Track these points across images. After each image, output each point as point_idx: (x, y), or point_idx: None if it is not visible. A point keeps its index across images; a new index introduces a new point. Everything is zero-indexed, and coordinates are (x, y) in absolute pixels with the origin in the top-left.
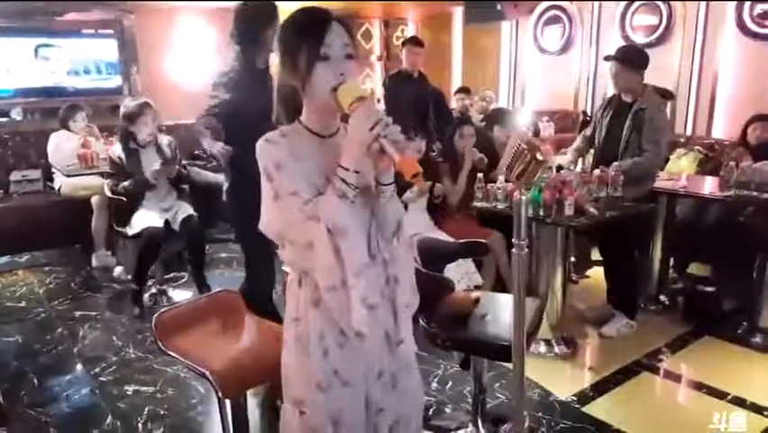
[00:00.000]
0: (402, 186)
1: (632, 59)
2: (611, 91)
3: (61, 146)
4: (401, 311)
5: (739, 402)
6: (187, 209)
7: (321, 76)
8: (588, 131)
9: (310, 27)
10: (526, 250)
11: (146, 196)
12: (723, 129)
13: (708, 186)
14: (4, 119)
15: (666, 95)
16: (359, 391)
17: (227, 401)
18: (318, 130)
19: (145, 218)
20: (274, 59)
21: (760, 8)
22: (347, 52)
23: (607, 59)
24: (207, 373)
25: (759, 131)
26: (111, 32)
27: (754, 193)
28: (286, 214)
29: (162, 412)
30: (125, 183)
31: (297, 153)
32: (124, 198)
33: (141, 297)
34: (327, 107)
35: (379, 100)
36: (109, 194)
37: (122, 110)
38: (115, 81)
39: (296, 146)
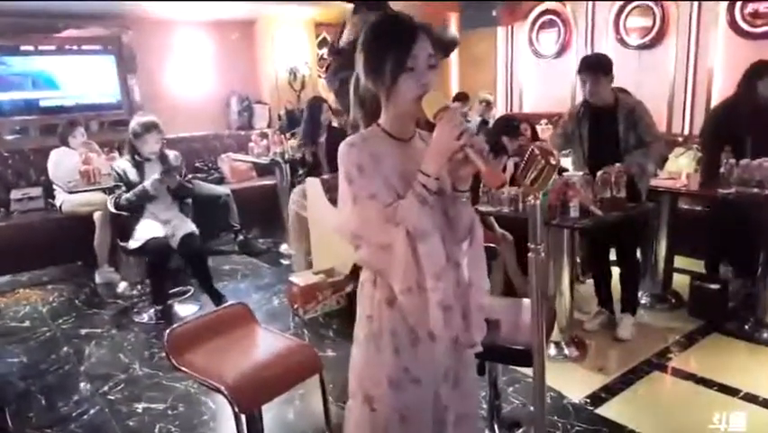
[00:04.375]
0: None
1: (602, 66)
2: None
3: (62, 163)
4: (474, 313)
5: (751, 399)
6: (188, 225)
7: (405, 87)
8: (559, 130)
9: (398, 38)
10: (543, 254)
11: (147, 208)
12: None
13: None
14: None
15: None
16: (428, 389)
17: (243, 416)
18: (397, 134)
19: (147, 229)
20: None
21: (751, 8)
22: (431, 63)
23: (579, 72)
24: (222, 388)
25: None
26: (109, 47)
27: (755, 190)
28: (364, 216)
29: (173, 429)
30: (127, 195)
31: (376, 156)
32: (127, 212)
33: (168, 314)
34: (407, 114)
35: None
36: (112, 209)
37: (130, 125)
38: (114, 97)
39: (375, 149)
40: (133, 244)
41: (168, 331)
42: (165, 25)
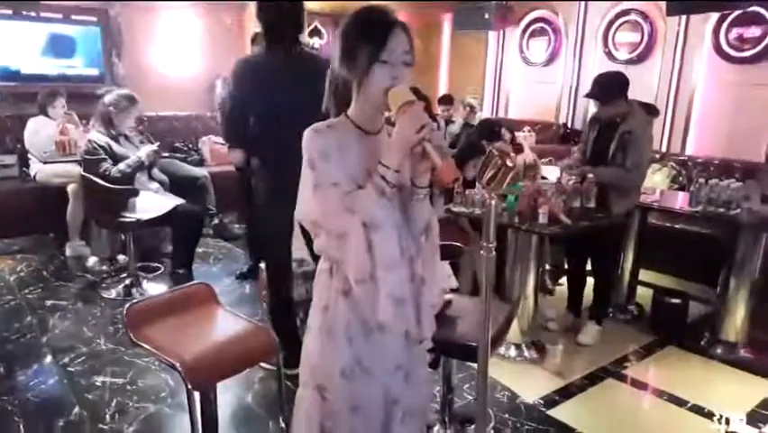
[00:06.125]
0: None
1: (609, 92)
2: (593, 106)
3: (39, 132)
4: (425, 310)
5: (698, 410)
6: (177, 199)
7: (377, 77)
8: (581, 146)
9: (376, 29)
10: (494, 253)
11: (137, 180)
12: (696, 146)
13: (679, 201)
14: None
15: (652, 111)
16: (379, 381)
17: (196, 394)
18: (364, 126)
19: (155, 200)
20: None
21: (736, 32)
22: (405, 60)
23: (586, 96)
24: (177, 364)
25: None
26: (95, 19)
27: (720, 210)
28: (324, 203)
29: (131, 404)
30: (120, 167)
31: (342, 146)
32: (120, 184)
33: (138, 290)
34: (376, 106)
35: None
36: (100, 181)
37: (110, 98)
38: (97, 69)
39: (341, 139)
40: (147, 214)
41: (128, 305)
42: (154, 2)
